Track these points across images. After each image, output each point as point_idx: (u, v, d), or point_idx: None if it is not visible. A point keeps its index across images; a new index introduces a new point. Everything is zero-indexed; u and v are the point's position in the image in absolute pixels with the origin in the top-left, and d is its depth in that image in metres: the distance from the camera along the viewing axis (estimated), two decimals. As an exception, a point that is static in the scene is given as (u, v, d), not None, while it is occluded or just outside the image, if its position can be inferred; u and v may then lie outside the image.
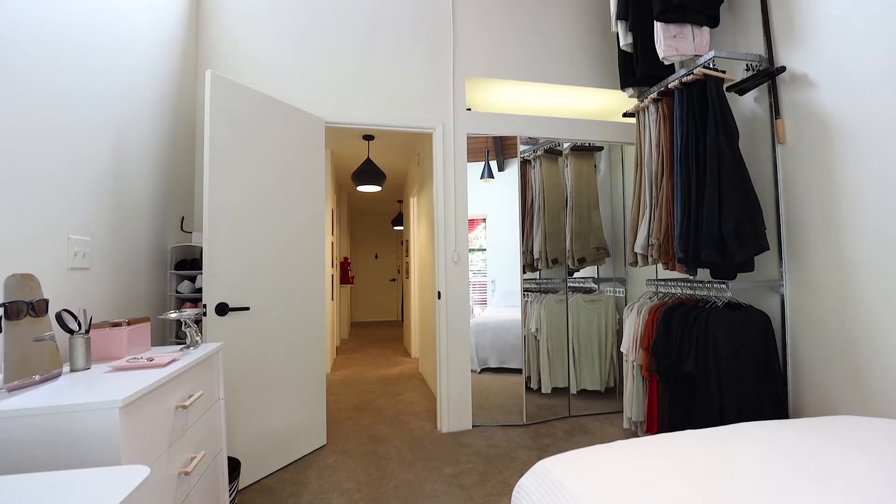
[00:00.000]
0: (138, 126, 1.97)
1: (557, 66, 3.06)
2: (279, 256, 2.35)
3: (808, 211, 2.04)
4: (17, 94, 1.27)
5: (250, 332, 2.19)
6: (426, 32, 2.87)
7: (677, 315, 2.18)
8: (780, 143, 2.18)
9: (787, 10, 2.14)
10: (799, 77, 2.09)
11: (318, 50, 2.72)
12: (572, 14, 3.11)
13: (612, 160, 3.21)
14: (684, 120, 2.18)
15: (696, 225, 2.07)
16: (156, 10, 2.12)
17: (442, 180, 2.87)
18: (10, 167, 1.23)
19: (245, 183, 2.19)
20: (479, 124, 2.93)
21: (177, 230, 2.39)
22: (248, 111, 2.22)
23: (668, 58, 2.34)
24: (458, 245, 2.87)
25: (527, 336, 2.97)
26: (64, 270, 1.47)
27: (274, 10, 2.67)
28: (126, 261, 1.89)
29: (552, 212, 3.05)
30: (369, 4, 2.80)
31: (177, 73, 2.34)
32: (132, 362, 1.28)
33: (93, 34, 1.64)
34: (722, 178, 2.01)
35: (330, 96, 2.72)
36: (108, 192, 1.75)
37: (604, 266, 3.16)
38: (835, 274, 1.92)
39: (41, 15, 1.37)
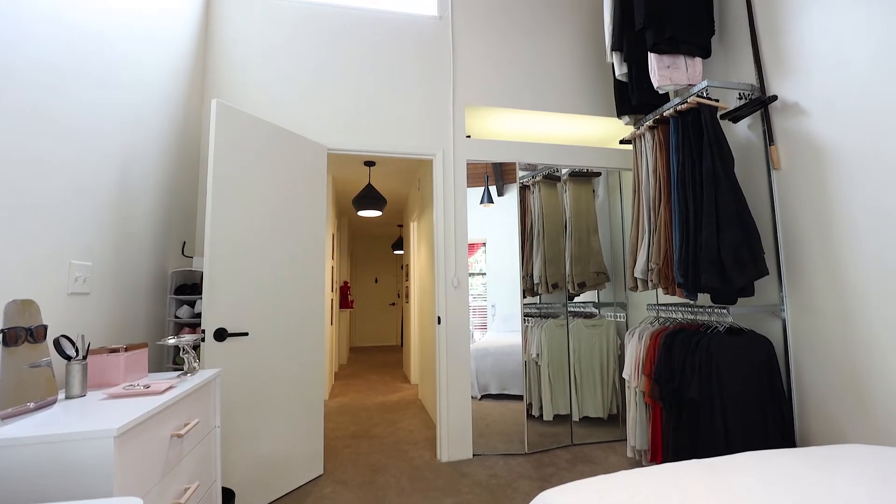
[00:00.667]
0: (144, 154, 2.01)
1: (555, 94, 3.13)
2: (279, 282, 2.35)
3: (805, 236, 2.06)
4: (28, 126, 1.30)
5: (248, 358, 2.17)
6: (427, 63, 2.95)
7: (679, 340, 2.16)
8: (775, 169, 2.21)
9: (776, 43, 2.21)
10: (790, 105, 2.13)
11: (321, 79, 2.79)
12: (569, 44, 3.20)
13: (611, 185, 3.25)
14: (680, 147, 2.22)
15: (695, 250, 2.08)
16: (168, 45, 2.18)
17: (442, 206, 2.89)
18: (16, 195, 1.25)
19: (247, 209, 2.21)
20: (479, 151, 2.98)
21: (178, 255, 2.40)
22: (252, 139, 2.26)
23: (662, 87, 2.40)
24: (457, 270, 2.88)
25: (527, 362, 2.94)
26: (64, 296, 1.47)
27: (278, 42, 2.76)
28: (126, 286, 1.89)
29: (551, 236, 3.07)
30: (371, 36, 2.89)
31: (183, 101, 2.39)
32: (128, 389, 1.27)
33: (106, 68, 1.69)
34: (719, 204, 2.03)
35: (332, 124, 2.77)
36: (112, 219, 1.76)
37: (604, 290, 3.16)
38: (835, 298, 1.91)
39: (56, 50, 1.42)
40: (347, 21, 2.87)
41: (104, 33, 1.69)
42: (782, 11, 2.18)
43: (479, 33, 3.06)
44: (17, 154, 1.26)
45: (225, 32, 2.70)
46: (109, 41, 1.73)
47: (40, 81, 1.35)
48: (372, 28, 2.90)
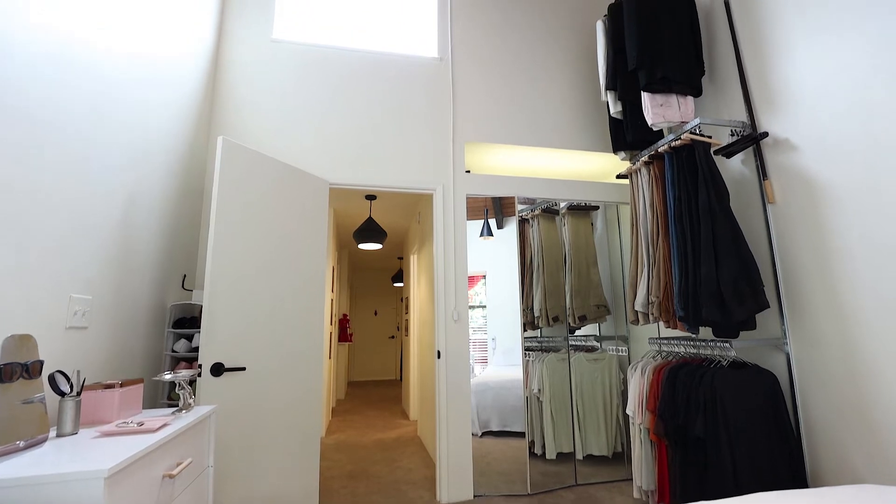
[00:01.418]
0: (149, 190, 2.04)
1: (552, 131, 3.22)
2: (278, 316, 2.34)
3: (804, 269, 2.06)
4: (36, 164, 1.33)
5: (245, 394, 2.13)
6: (428, 101, 3.05)
7: (682, 375, 2.13)
8: (770, 203, 2.24)
9: (764, 82, 2.29)
10: (781, 142, 2.19)
11: (325, 117, 2.87)
12: (565, 83, 3.32)
13: (609, 218, 3.28)
14: (676, 182, 2.26)
15: (695, 283, 2.09)
16: (177, 87, 2.26)
17: (442, 240, 2.92)
18: (22, 231, 1.27)
19: (249, 242, 2.23)
20: (478, 186, 3.03)
21: (177, 288, 2.40)
22: (256, 174, 2.31)
23: (656, 124, 2.47)
24: (457, 304, 2.87)
25: (529, 397, 2.88)
26: (62, 330, 1.46)
27: (284, 81, 2.86)
28: (125, 319, 1.88)
29: (551, 269, 3.08)
30: (375, 77, 3.00)
31: (190, 137, 2.46)
32: (121, 427, 1.24)
33: (115, 109, 1.74)
34: (717, 238, 2.05)
35: (335, 159, 2.84)
36: (114, 252, 1.78)
37: (605, 324, 3.13)
38: (838, 331, 1.90)
39: (67, 91, 1.47)
40: (351, 63, 2.98)
41: (115, 76, 1.76)
42: (768, 52, 2.27)
43: (477, 73, 3.17)
44: (23, 190, 1.28)
45: (232, 72, 2.80)
46: (120, 83, 1.79)
47: (50, 120, 1.40)
48: (375, 69, 3.01)
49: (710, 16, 2.66)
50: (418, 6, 3.27)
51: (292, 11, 3.06)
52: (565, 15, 3.43)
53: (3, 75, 1.20)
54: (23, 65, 1.27)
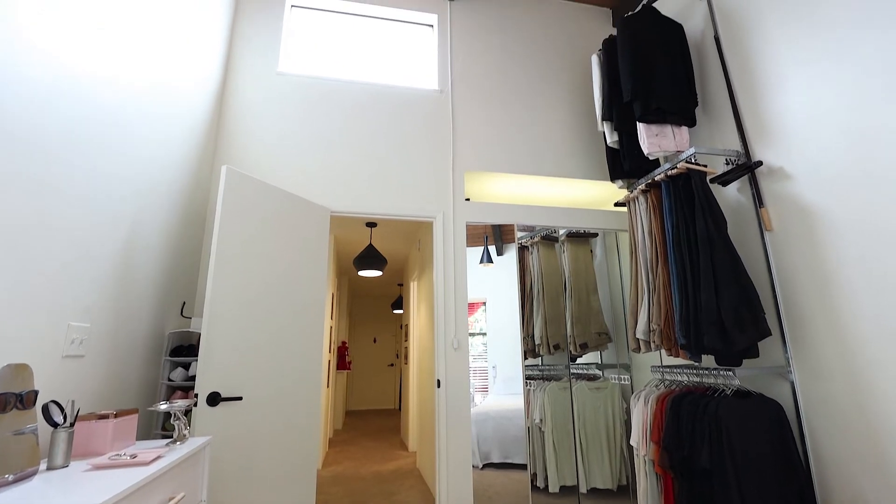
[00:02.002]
0: (152, 218, 2.06)
1: (551, 160, 3.27)
2: (277, 344, 2.32)
3: (804, 297, 2.06)
4: (42, 194, 1.35)
5: (241, 424, 2.09)
6: (428, 132, 3.12)
7: (686, 404, 2.10)
8: (767, 231, 2.26)
9: (756, 113, 2.35)
10: (776, 170, 2.23)
11: (327, 146, 2.93)
12: (563, 113, 3.40)
13: (608, 245, 3.30)
14: (673, 210, 2.29)
15: (696, 310, 2.08)
16: (184, 120, 2.32)
17: (442, 268, 2.92)
18: (23, 260, 1.28)
19: (249, 270, 2.23)
20: (478, 213, 3.06)
21: (176, 315, 2.39)
22: (258, 203, 2.34)
23: (652, 154, 2.51)
24: (458, 332, 2.85)
25: (530, 427, 2.82)
26: (59, 358, 1.45)
27: (288, 111, 2.93)
28: (122, 347, 1.87)
29: (551, 296, 3.07)
30: (376, 108, 3.07)
31: (195, 166, 2.50)
32: (114, 460, 1.21)
33: (123, 142, 1.78)
34: (716, 265, 2.06)
35: (337, 188, 2.88)
36: (115, 280, 1.78)
37: (606, 351, 3.10)
38: (842, 360, 1.88)
39: (78, 126, 1.51)
40: (354, 94, 3.06)
41: (123, 109, 1.80)
42: (759, 84, 2.34)
43: (476, 104, 3.25)
44: (27, 219, 1.30)
45: (238, 103, 2.88)
46: (127, 116, 1.84)
47: (57, 152, 1.43)
48: (377, 101, 3.09)
49: (701, 49, 2.75)
50: (419, 40, 3.38)
51: (298, 46, 3.17)
52: (562, 48, 3.54)
53: (11, 107, 1.24)
54: (32, 98, 1.31)
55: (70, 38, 1.47)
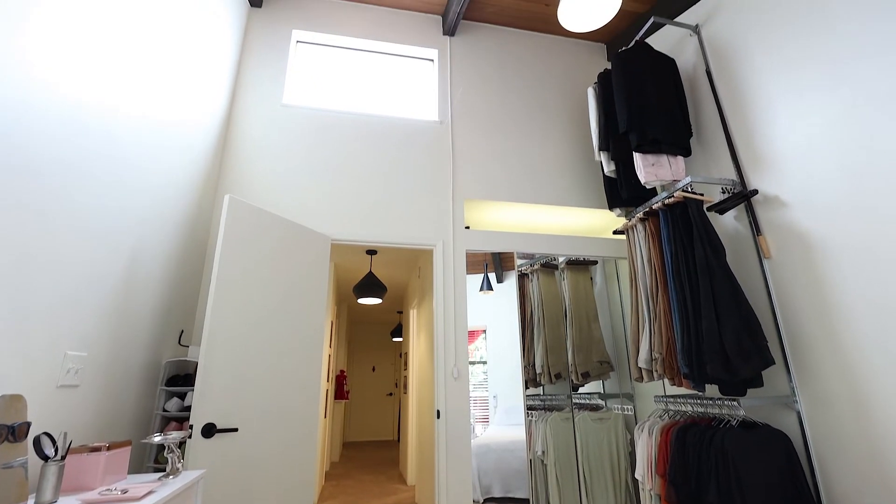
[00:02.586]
0: (153, 247, 2.08)
1: (550, 188, 3.32)
2: (274, 373, 2.29)
3: (806, 324, 2.05)
4: (46, 224, 1.37)
5: (235, 457, 2.04)
6: (428, 161, 3.17)
7: (691, 436, 2.05)
8: (766, 259, 2.27)
9: (750, 143, 2.40)
10: (772, 198, 2.26)
11: (328, 175, 2.97)
12: (561, 142, 3.46)
13: (608, 273, 3.30)
14: (672, 238, 2.30)
15: (697, 339, 2.07)
16: (190, 151, 2.37)
17: (442, 296, 2.92)
18: (23, 289, 1.28)
19: (248, 299, 2.23)
20: (478, 241, 3.08)
21: (174, 344, 2.37)
22: (259, 231, 2.36)
23: (649, 182, 2.55)
24: (458, 360, 2.81)
25: (533, 460, 2.75)
26: (53, 388, 1.43)
27: (291, 141, 2.99)
28: (118, 377, 1.84)
29: (552, 324, 3.05)
30: (378, 138, 3.14)
31: (197, 195, 2.53)
32: (104, 495, 1.18)
33: (128, 174, 1.81)
34: (716, 293, 2.06)
35: (337, 216, 2.90)
36: (114, 308, 1.77)
37: (609, 381, 3.06)
38: (849, 391, 1.86)
39: (81, 155, 1.54)
40: (356, 125, 3.13)
41: (130, 141, 1.85)
42: (751, 114, 2.40)
43: (476, 134, 3.32)
44: (29, 249, 1.31)
45: (242, 133, 2.94)
46: (134, 148, 1.88)
47: (62, 183, 1.45)
48: (378, 131, 3.16)
49: (694, 82, 2.83)
50: (420, 73, 3.48)
51: (302, 79, 3.26)
52: (559, 81, 3.65)
53: (18, 138, 1.27)
54: (40, 130, 1.34)
55: (74, 70, 1.52)
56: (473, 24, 3.62)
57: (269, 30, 3.23)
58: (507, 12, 3.50)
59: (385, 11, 3.48)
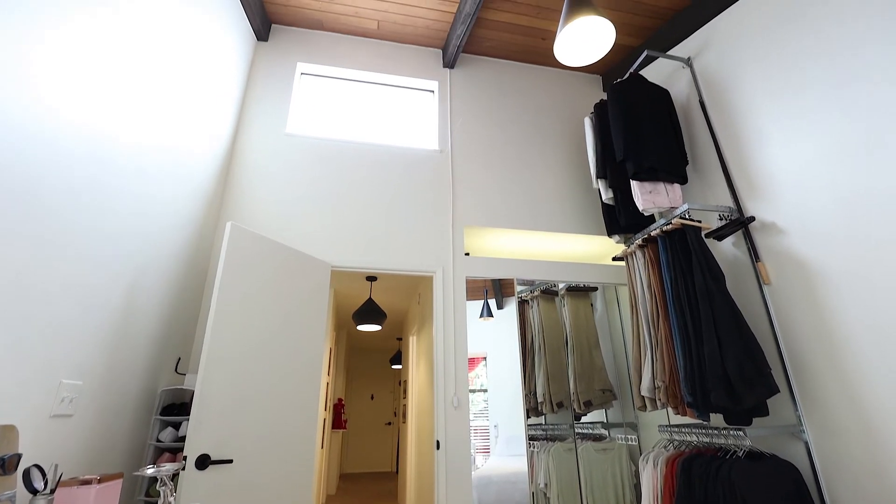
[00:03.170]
0: (154, 273, 2.08)
1: (549, 215, 3.35)
2: (272, 402, 2.25)
3: (809, 351, 2.03)
4: (47, 254, 1.38)
5: (229, 490, 1.98)
6: (429, 189, 3.21)
7: (697, 467, 2.00)
8: (766, 285, 2.27)
9: (745, 171, 2.44)
10: (769, 225, 2.28)
11: (330, 202, 3.01)
12: (560, 170, 3.52)
13: (608, 299, 3.29)
14: (671, 264, 2.31)
15: (700, 366, 2.04)
16: (194, 180, 2.40)
17: (442, 323, 2.90)
18: (21, 317, 1.28)
19: (247, 326, 2.22)
20: (478, 268, 3.08)
21: (170, 372, 2.34)
22: (260, 258, 2.36)
23: (647, 210, 2.58)
24: (458, 389, 2.77)
25: (535, 493, 2.67)
26: (46, 418, 1.41)
27: (294, 169, 3.04)
28: (112, 406, 1.81)
29: (553, 351, 3.02)
30: (379, 166, 3.19)
31: (199, 222, 2.55)
32: (94, 530, 1.14)
33: (130, 198, 1.84)
34: (716, 319, 2.05)
35: (338, 243, 2.92)
36: (111, 335, 1.76)
37: (612, 410, 3.00)
38: (857, 420, 1.82)
39: (87, 183, 1.57)
40: (357, 154, 3.19)
41: (134, 169, 1.88)
42: (745, 143, 2.45)
43: (475, 162, 3.38)
44: (28, 278, 1.31)
45: (245, 161, 2.99)
46: (139, 176, 1.91)
47: (63, 212, 1.47)
48: (379, 160, 3.21)
49: (688, 111, 2.90)
50: (421, 103, 3.57)
51: (305, 108, 3.34)
52: (557, 110, 3.73)
53: (24, 168, 1.29)
54: (36, 155, 1.37)
55: (78, 97, 1.56)
56: (472, 57, 3.73)
57: (274, 62, 3.33)
58: (504, 46, 3.61)
59: (387, 45, 3.59)
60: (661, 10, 3.15)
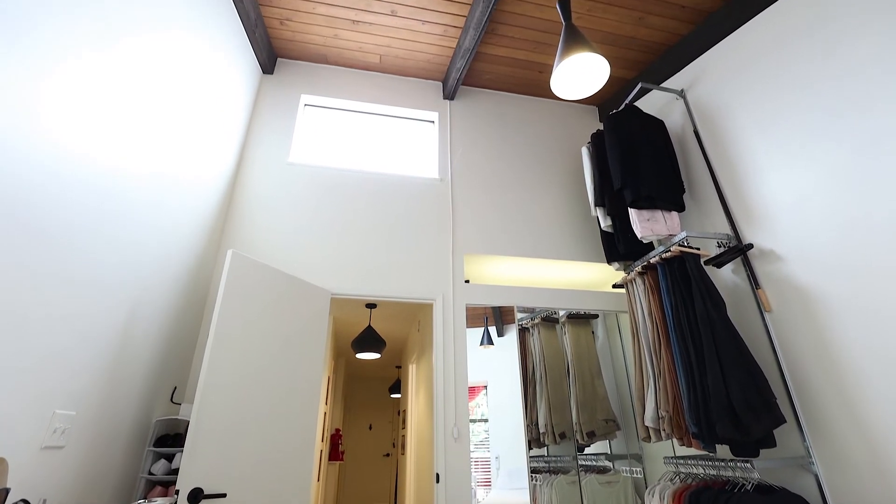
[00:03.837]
0: (151, 301, 2.08)
1: (548, 243, 3.37)
2: (267, 433, 2.21)
3: (815, 380, 2.00)
4: (47, 284, 1.38)
5: (222, 526, 1.91)
6: (429, 217, 3.24)
7: (704, 501, 1.94)
8: (767, 312, 2.26)
9: (742, 199, 2.47)
10: (767, 252, 2.29)
11: (330, 230, 3.03)
12: (559, 198, 3.56)
13: (609, 326, 3.27)
14: (671, 291, 2.31)
15: (704, 395, 2.01)
16: (196, 210, 2.43)
17: (441, 351, 2.87)
18: (14, 347, 1.27)
19: (246, 355, 2.19)
20: (478, 296, 3.08)
21: (165, 401, 2.30)
22: (260, 286, 2.36)
23: (645, 237, 2.59)
24: (458, 419, 2.72)
25: (539, 529, 2.58)
26: (37, 450, 1.38)
27: (295, 197, 3.07)
28: (105, 437, 1.77)
29: (554, 380, 2.97)
30: (379, 195, 3.23)
31: (200, 251, 2.56)
32: (81, 569, 1.10)
33: (133, 228, 1.86)
34: (719, 347, 2.03)
35: (338, 270, 2.92)
36: (107, 365, 1.74)
37: (616, 440, 2.93)
38: (866, 450, 1.78)
39: (89, 213, 1.59)
40: (358, 182, 3.24)
41: (138, 199, 1.90)
42: (740, 171, 2.49)
43: (475, 191, 3.42)
44: (26, 307, 1.31)
45: (248, 190, 3.03)
46: (142, 207, 1.93)
47: (63, 241, 1.48)
48: (379, 188, 3.25)
49: (683, 141, 2.96)
50: (421, 133, 3.65)
51: (308, 138, 3.41)
52: (555, 140, 3.81)
53: (27, 196, 1.31)
54: (39, 184, 1.39)
55: (82, 127, 1.59)
56: (472, 89, 3.84)
57: (279, 94, 3.42)
58: (502, 79, 3.72)
59: (389, 78, 3.70)
60: (654, 46, 3.26)
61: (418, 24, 3.16)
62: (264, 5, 3.02)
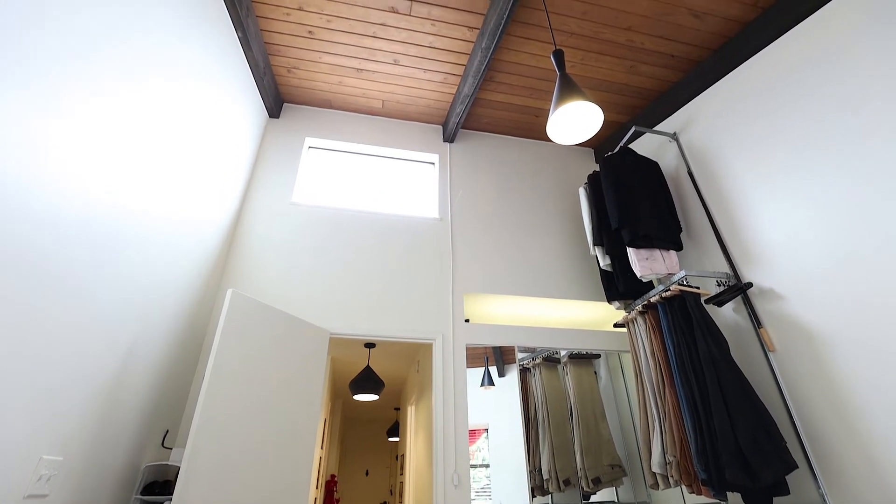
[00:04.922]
0: (148, 341, 2.05)
1: (548, 282, 3.37)
2: (261, 480, 2.12)
3: (825, 424, 1.95)
4: (45, 326, 1.38)
5: (208, 583, 1.81)
6: (428, 256, 3.26)
7: (719, 555, 1.84)
8: (771, 352, 2.23)
9: (738, 237, 2.49)
10: (767, 291, 2.28)
11: (330, 269, 3.04)
12: (559, 237, 3.59)
13: (612, 366, 3.21)
14: (672, 330, 2.29)
15: (711, 438, 1.95)
16: (197, 247, 2.46)
17: (441, 392, 2.81)
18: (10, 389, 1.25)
19: (241, 397, 2.15)
20: (478, 335, 3.04)
21: (156, 446, 2.23)
22: (258, 325, 2.35)
23: (645, 276, 2.60)
24: (458, 465, 2.62)
25: (544, 586, 2.43)
26: (20, 499, 1.32)
27: (296, 237, 3.10)
28: (91, 484, 1.71)
29: (557, 423, 2.89)
30: (378, 234, 3.26)
31: (201, 288, 2.56)
32: None
33: (135, 268, 1.87)
34: (724, 388, 1.99)
35: (337, 309, 2.91)
36: (98, 407, 1.70)
37: (622, 487, 2.81)
38: (881, 496, 1.71)
39: (92, 252, 1.60)
40: (359, 222, 3.28)
41: (141, 239, 1.92)
42: (735, 210, 2.53)
43: (475, 230, 3.46)
44: (22, 349, 1.30)
45: (250, 228, 3.06)
46: (140, 247, 1.95)
47: (60, 280, 1.48)
48: (380, 228, 3.29)
49: (678, 181, 3.03)
50: (422, 174, 3.73)
51: (311, 178, 3.49)
52: (553, 180, 3.89)
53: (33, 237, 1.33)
54: (43, 222, 1.41)
55: (88, 167, 1.63)
56: (471, 133, 3.96)
57: (284, 137, 3.52)
58: (501, 123, 3.85)
59: (391, 122, 3.83)
60: (646, 92, 3.39)
61: (420, 72, 3.31)
62: (273, 55, 3.17)
